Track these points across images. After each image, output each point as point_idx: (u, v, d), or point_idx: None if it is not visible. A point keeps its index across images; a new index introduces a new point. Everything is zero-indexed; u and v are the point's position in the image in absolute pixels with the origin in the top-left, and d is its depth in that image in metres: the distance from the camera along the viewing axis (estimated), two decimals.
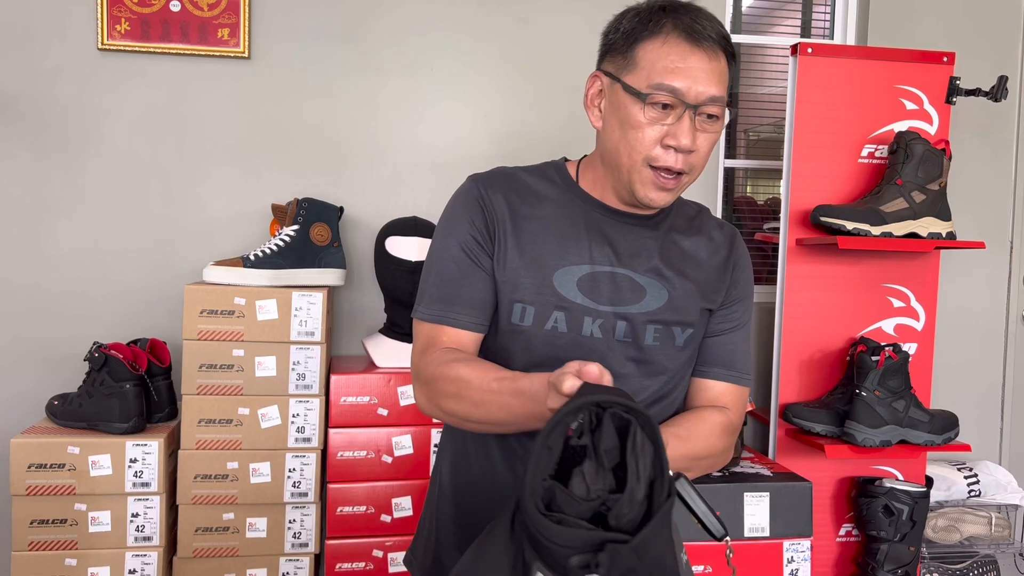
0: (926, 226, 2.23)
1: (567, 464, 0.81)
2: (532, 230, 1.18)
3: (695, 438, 1.15)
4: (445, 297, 1.18)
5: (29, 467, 1.96)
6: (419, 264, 2.16)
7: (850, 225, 2.17)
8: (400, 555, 2.14)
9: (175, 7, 2.34)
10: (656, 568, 0.75)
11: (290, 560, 2.12)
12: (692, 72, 1.09)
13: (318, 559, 2.21)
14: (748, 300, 1.28)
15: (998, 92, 2.33)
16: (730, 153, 2.79)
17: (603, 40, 1.19)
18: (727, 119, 1.17)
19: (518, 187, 1.22)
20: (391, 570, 2.14)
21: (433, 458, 2.14)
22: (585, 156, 1.27)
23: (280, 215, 2.28)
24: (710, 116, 1.13)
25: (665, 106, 1.10)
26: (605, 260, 1.18)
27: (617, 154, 1.15)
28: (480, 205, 1.20)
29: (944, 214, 2.25)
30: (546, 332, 1.15)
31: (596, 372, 0.88)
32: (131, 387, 2.04)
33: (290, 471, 2.09)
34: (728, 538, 0.93)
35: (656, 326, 1.17)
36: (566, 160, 1.28)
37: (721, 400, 1.23)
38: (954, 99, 2.35)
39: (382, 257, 2.24)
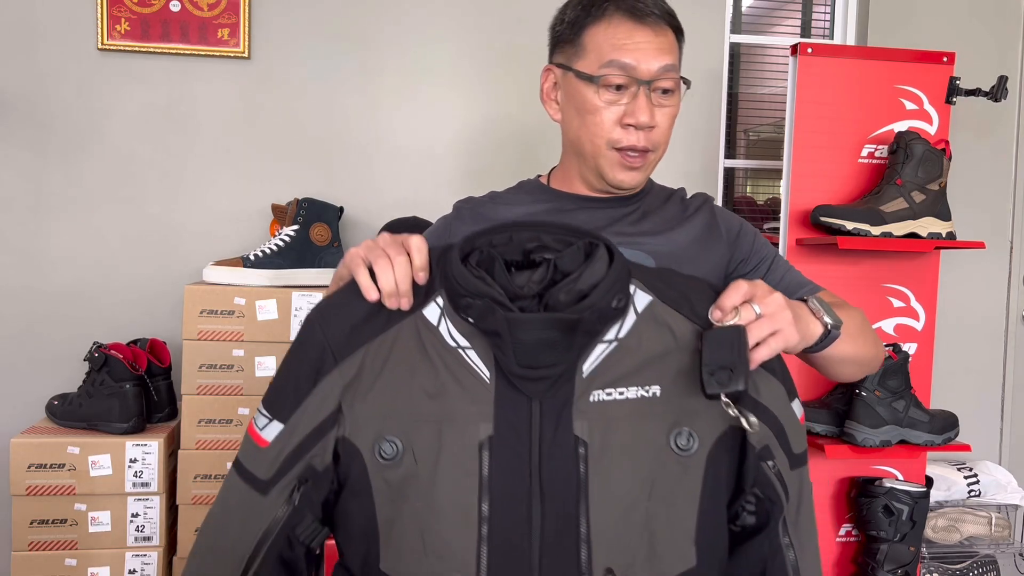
0: (926, 226, 2.22)
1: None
2: None
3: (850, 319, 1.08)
4: None
5: (29, 467, 1.97)
6: None
7: (850, 225, 2.17)
8: None
9: (175, 7, 2.34)
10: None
11: None
12: (640, 48, 1.11)
13: (318, 559, 2.21)
14: (758, 239, 1.26)
15: (998, 92, 2.32)
16: (730, 153, 2.79)
17: (551, 34, 1.22)
18: (683, 92, 1.17)
19: (493, 208, 1.23)
20: None
21: None
22: (554, 167, 1.29)
23: (280, 215, 2.28)
24: (665, 91, 1.13)
25: (619, 87, 1.11)
26: None
27: (580, 142, 1.17)
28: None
29: (944, 214, 2.25)
30: None
31: None
32: (131, 387, 2.04)
33: None
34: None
35: None
36: (539, 176, 1.31)
37: None
38: (954, 99, 2.35)
39: None
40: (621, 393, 0.86)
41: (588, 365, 0.86)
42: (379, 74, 2.48)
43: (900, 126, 2.33)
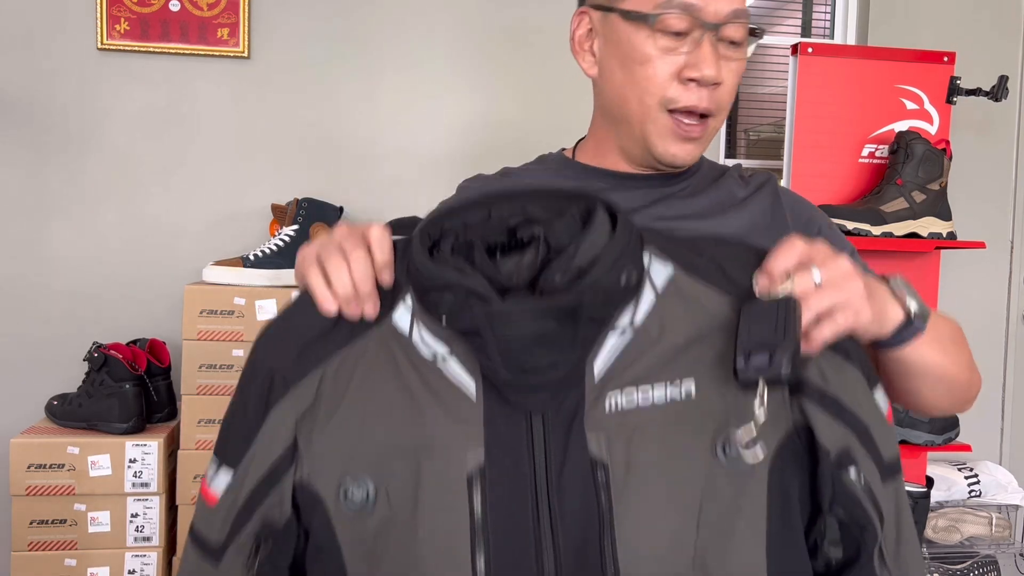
0: (926, 226, 2.23)
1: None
2: None
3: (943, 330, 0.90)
4: None
5: (29, 467, 1.96)
6: None
7: (850, 225, 2.17)
8: None
9: (174, 7, 2.34)
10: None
11: None
12: None
13: None
14: (832, 231, 1.05)
15: (998, 92, 2.32)
16: (730, 153, 2.79)
17: None
18: (753, 47, 0.96)
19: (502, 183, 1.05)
20: None
21: None
22: (581, 138, 1.09)
23: (280, 215, 2.28)
24: (732, 42, 0.92)
25: (678, 33, 0.88)
26: None
27: (624, 102, 0.92)
28: None
29: (944, 214, 2.25)
30: None
31: None
32: (131, 387, 2.03)
33: None
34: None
35: None
36: (563, 149, 1.10)
37: None
38: (954, 99, 2.35)
39: None
40: (645, 395, 0.67)
41: (600, 363, 0.67)
42: (379, 74, 2.48)
43: (900, 126, 2.33)
